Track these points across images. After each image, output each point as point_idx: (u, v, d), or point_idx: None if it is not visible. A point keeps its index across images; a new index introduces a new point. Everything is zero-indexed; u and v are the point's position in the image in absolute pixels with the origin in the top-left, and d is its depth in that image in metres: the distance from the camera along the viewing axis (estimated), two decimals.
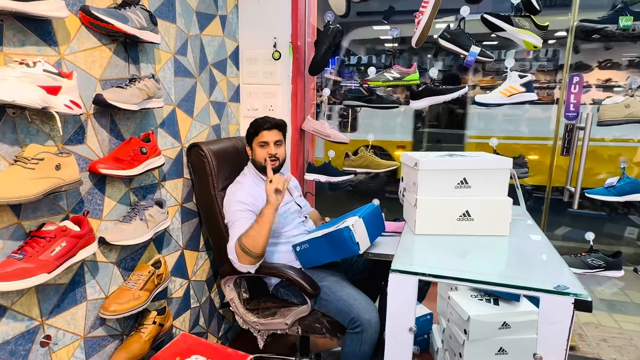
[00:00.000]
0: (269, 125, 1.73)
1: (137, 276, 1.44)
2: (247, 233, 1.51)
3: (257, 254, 1.51)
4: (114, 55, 1.37)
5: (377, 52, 5.50)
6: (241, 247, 1.50)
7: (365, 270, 1.85)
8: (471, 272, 1.13)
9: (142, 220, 1.42)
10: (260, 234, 1.49)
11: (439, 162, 1.43)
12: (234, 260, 1.52)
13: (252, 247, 1.50)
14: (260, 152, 1.73)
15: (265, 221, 1.50)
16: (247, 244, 1.49)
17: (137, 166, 1.38)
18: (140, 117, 1.51)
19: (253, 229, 1.50)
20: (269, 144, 1.73)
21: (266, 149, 1.73)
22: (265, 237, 1.50)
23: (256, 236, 1.49)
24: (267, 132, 1.72)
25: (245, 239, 1.50)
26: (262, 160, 1.72)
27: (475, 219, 1.40)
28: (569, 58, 1.97)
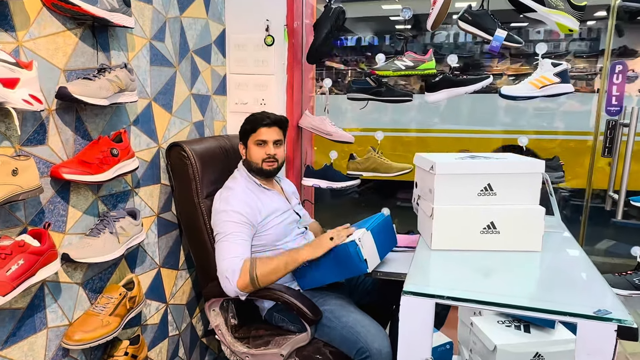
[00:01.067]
0: (269, 121, 1.74)
1: (106, 299, 1.44)
2: (266, 262, 1.54)
3: (262, 287, 1.55)
4: (80, 41, 1.37)
5: (384, 33, 5.50)
6: (250, 272, 1.52)
7: (373, 291, 1.85)
8: (497, 294, 1.13)
9: (112, 234, 1.42)
10: (278, 273, 1.54)
11: (459, 165, 1.43)
12: (230, 281, 1.53)
13: (262, 279, 1.53)
14: (256, 151, 1.74)
15: (292, 264, 1.54)
16: (260, 272, 1.52)
17: (106, 170, 1.38)
18: (110, 114, 1.52)
19: (276, 263, 1.53)
20: (268, 143, 1.74)
21: (264, 148, 1.74)
22: (282, 277, 1.56)
23: (274, 272, 1.53)
24: (267, 129, 1.74)
25: (262, 267, 1.53)
26: (259, 161, 1.74)
27: (502, 231, 1.40)
28: (611, 42, 1.98)
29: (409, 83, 4.68)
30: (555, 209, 1.74)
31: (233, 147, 2.00)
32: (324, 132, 2.24)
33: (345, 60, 5.44)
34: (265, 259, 1.56)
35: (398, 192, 4.51)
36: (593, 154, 2.12)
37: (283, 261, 1.54)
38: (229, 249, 1.57)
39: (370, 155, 2.20)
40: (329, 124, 2.23)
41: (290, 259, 1.54)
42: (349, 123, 4.32)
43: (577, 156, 3.95)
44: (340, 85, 4.36)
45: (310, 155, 2.59)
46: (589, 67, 4.70)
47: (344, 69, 5.25)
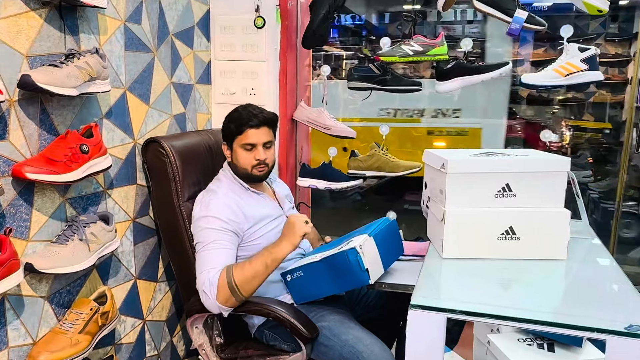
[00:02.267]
0: (257, 122, 1.72)
1: (75, 315, 1.44)
2: (243, 269, 1.52)
3: (245, 296, 1.53)
4: (45, 23, 1.37)
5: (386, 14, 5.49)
6: (229, 282, 1.51)
7: (377, 305, 1.85)
8: (517, 308, 1.14)
9: (82, 241, 1.42)
10: (260, 276, 1.52)
11: (474, 162, 1.43)
12: (209, 295, 1.52)
13: (243, 288, 1.51)
14: (244, 156, 1.73)
15: (274, 262, 1.53)
16: (239, 281, 1.51)
17: (75, 169, 1.38)
18: (79, 105, 1.51)
19: (253, 266, 1.52)
20: (257, 147, 1.73)
21: (252, 153, 1.73)
22: (262, 282, 1.54)
23: (254, 277, 1.52)
24: (255, 131, 1.72)
25: (239, 275, 1.51)
26: (248, 167, 1.73)
27: (522, 237, 1.41)
28: None
29: (418, 69, 4.68)
30: (583, 212, 1.74)
31: (218, 143, 2.00)
32: (322, 126, 2.24)
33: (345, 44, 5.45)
34: (242, 264, 1.54)
35: (406, 194, 4.51)
36: (627, 150, 2.13)
37: (262, 262, 1.52)
38: (208, 259, 1.57)
39: (374, 152, 2.20)
40: (328, 116, 2.23)
41: (270, 258, 1.53)
42: (351, 114, 4.32)
43: (608, 154, 3.96)
44: (341, 73, 4.36)
45: (306, 152, 2.59)
46: (621, 52, 4.71)
47: (344, 54, 5.25)
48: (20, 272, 1.25)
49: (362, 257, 1.48)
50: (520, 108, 4.92)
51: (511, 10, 1.90)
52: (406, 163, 2.19)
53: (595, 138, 4.32)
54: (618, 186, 2.29)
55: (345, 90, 2.26)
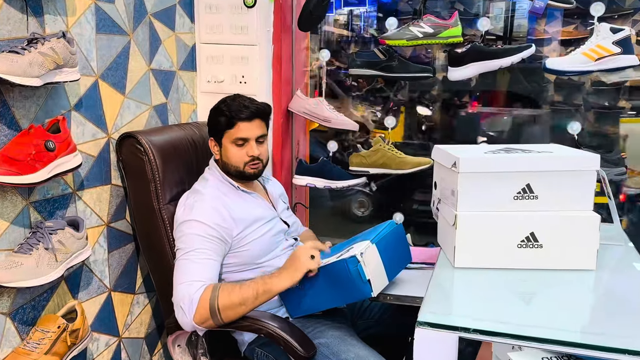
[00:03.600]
0: (249, 113, 1.71)
1: (41, 333, 1.43)
2: (231, 291, 1.52)
3: (224, 323, 1.53)
4: (5, 4, 1.36)
5: None
6: (211, 303, 1.50)
7: (382, 320, 1.85)
8: (539, 326, 1.12)
9: (48, 250, 1.42)
10: (247, 305, 1.52)
11: (490, 160, 1.42)
12: (185, 312, 1.52)
13: (226, 314, 1.51)
14: (236, 152, 1.73)
15: (267, 294, 1.53)
16: (223, 306, 1.51)
17: (40, 169, 1.37)
18: (45, 96, 1.51)
19: (243, 293, 1.52)
20: (250, 142, 1.72)
21: (245, 148, 1.73)
22: (251, 310, 1.54)
23: (241, 305, 1.52)
24: (247, 124, 1.72)
25: (226, 298, 1.51)
26: (240, 165, 1.73)
27: (545, 245, 1.40)
28: None
29: (432, 51, 4.66)
30: (615, 215, 1.73)
31: (204, 137, 2.00)
32: (321, 118, 2.24)
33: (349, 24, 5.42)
34: (231, 287, 1.54)
35: (415, 193, 4.50)
36: None
37: (253, 291, 1.52)
38: (189, 270, 1.56)
39: (379, 146, 2.20)
40: (327, 107, 2.23)
41: (263, 289, 1.52)
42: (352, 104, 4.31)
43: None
44: (343, 57, 4.34)
45: (303, 147, 2.58)
46: None
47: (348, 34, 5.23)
48: None
49: (363, 266, 1.47)
50: (546, 94, 4.89)
51: None
52: (415, 159, 2.18)
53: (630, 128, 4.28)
54: None
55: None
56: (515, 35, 4.96)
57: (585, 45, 1.90)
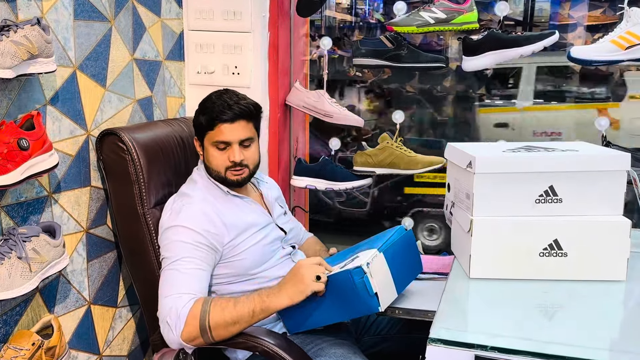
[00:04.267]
0: (232, 115, 1.70)
1: (13, 351, 1.42)
2: (225, 309, 1.51)
3: (217, 341, 1.53)
4: None
5: None
6: (202, 321, 1.50)
7: (390, 336, 1.85)
8: (564, 343, 1.12)
9: (22, 259, 1.41)
10: (241, 324, 1.52)
11: (509, 160, 1.42)
12: (172, 329, 1.51)
13: (217, 332, 1.51)
14: (217, 156, 1.73)
15: (264, 313, 1.52)
16: (215, 323, 1.50)
17: (12, 170, 1.36)
18: (17, 90, 1.50)
19: (239, 310, 1.51)
20: (232, 146, 1.72)
21: (226, 153, 1.72)
22: (245, 329, 1.54)
23: (237, 323, 1.51)
24: (229, 125, 1.71)
25: (218, 315, 1.50)
26: (221, 170, 1.73)
27: (570, 253, 1.40)
28: None
29: (444, 37, 4.65)
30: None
31: (193, 134, 1.99)
32: (322, 113, 2.24)
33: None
34: (225, 302, 1.53)
35: (426, 196, 4.51)
36: None
37: (249, 309, 1.51)
38: (177, 281, 1.56)
39: (387, 144, 2.20)
40: (329, 101, 2.23)
41: (260, 307, 1.51)
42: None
43: None
44: (346, 45, 4.35)
45: (302, 145, 2.58)
46: None
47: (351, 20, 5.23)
48: None
49: (369, 278, 1.47)
50: (571, 86, 4.89)
51: None
52: (426, 158, 2.18)
53: None
54: None
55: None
56: (537, 21, 4.97)
57: (614, 32, 1.89)
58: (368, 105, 4.36)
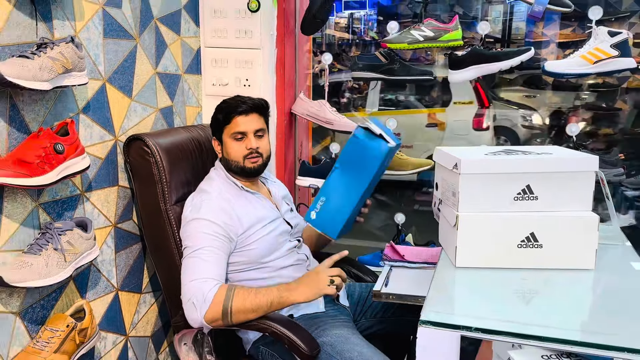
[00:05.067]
0: (246, 107, 1.74)
1: (50, 332, 1.44)
2: (247, 298, 1.53)
3: (232, 323, 1.55)
4: (15, 10, 1.37)
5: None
6: (225, 306, 1.52)
7: (385, 319, 1.86)
8: (540, 325, 1.12)
9: (57, 251, 1.42)
10: (258, 311, 1.54)
11: (490, 162, 1.42)
12: (197, 309, 1.53)
13: (237, 317, 1.53)
14: (235, 147, 1.74)
15: (280, 305, 1.55)
16: (236, 309, 1.52)
17: (49, 171, 1.38)
18: (54, 100, 1.51)
19: (259, 300, 1.54)
20: (248, 135, 1.74)
21: (244, 142, 1.74)
22: (261, 316, 1.56)
23: (256, 311, 1.54)
24: (244, 117, 1.74)
25: (240, 303, 1.52)
26: (240, 159, 1.74)
27: (545, 245, 1.40)
28: None
29: (431, 53, 4.66)
30: (613, 215, 1.73)
31: (209, 139, 2.00)
32: (323, 120, 2.24)
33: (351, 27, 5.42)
34: (246, 292, 1.55)
35: (417, 193, 4.51)
36: None
37: (267, 300, 1.55)
38: (200, 267, 1.57)
39: None
40: (329, 109, 2.23)
41: (278, 300, 1.55)
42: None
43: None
44: (345, 60, 4.37)
45: (306, 149, 2.59)
46: None
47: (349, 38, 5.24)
48: None
49: (369, 126, 1.49)
50: (545, 95, 4.90)
51: None
52: (415, 161, 2.18)
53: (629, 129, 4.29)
54: None
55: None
56: (514, 38, 4.98)
57: (584, 48, 1.90)
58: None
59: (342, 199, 1.57)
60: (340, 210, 1.58)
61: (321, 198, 1.59)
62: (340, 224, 1.60)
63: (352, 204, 1.58)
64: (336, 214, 1.59)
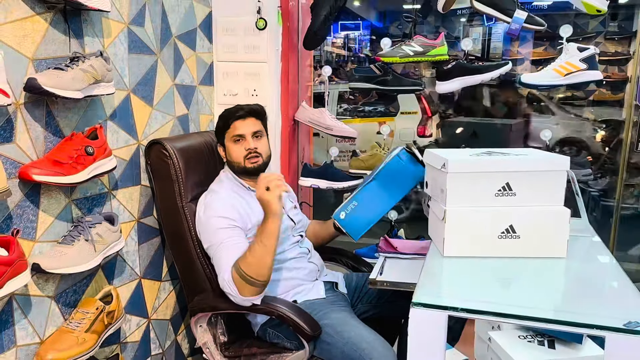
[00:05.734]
0: (243, 112, 1.76)
1: (81, 314, 1.46)
2: (246, 259, 1.53)
3: (264, 281, 1.55)
4: (50, 27, 1.39)
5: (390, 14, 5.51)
6: (242, 277, 1.52)
7: (379, 304, 1.87)
8: (518, 305, 1.14)
9: (88, 242, 1.44)
10: (265, 257, 1.53)
11: (474, 162, 1.44)
12: (233, 294, 1.55)
13: (257, 275, 1.52)
14: (236, 149, 1.76)
15: (270, 239, 1.53)
16: (249, 272, 1.52)
17: (81, 171, 1.40)
18: (84, 108, 1.53)
19: (254, 252, 1.53)
20: (246, 137, 1.75)
21: (242, 144, 1.75)
22: (272, 259, 1.54)
23: (261, 261, 1.53)
24: (241, 121, 1.75)
25: (247, 267, 1.53)
26: (241, 160, 1.75)
27: (522, 236, 1.41)
28: None
29: (419, 69, 4.69)
30: (582, 210, 1.75)
31: None
32: (323, 126, 2.25)
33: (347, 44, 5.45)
34: (243, 255, 1.54)
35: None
36: (626, 148, 2.14)
37: (259, 245, 1.53)
38: (222, 260, 1.59)
39: (376, 151, 2.22)
40: (329, 117, 2.25)
41: (262, 237, 1.53)
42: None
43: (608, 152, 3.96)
44: (342, 74, 4.40)
45: (308, 153, 2.60)
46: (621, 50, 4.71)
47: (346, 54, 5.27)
48: (28, 272, 1.26)
49: (415, 152, 1.50)
50: (520, 107, 4.92)
51: (511, 10, 1.92)
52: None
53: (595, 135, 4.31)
54: (618, 184, 2.30)
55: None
56: (492, 56, 5.01)
57: (556, 62, 1.92)
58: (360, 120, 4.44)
59: (372, 208, 1.59)
60: (367, 217, 1.61)
61: (353, 202, 1.60)
62: (365, 229, 1.63)
63: (380, 214, 1.60)
64: (363, 220, 1.61)
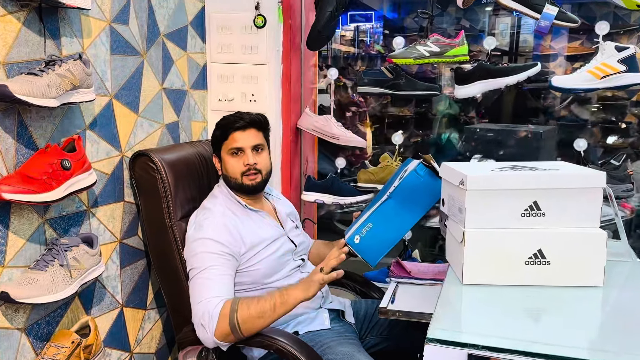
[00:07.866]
0: (243, 123, 1.75)
1: (55, 349, 1.45)
2: (249, 308, 1.53)
3: (246, 336, 1.54)
4: (24, 27, 1.40)
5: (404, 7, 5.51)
6: (231, 319, 1.51)
7: (391, 336, 1.85)
8: (547, 343, 1.12)
9: (63, 267, 1.44)
10: (266, 320, 1.53)
11: (497, 178, 1.43)
12: (207, 329, 1.53)
13: (245, 329, 1.52)
14: (233, 163, 1.75)
15: (284, 307, 1.54)
16: (242, 319, 1.51)
17: (56, 188, 1.39)
18: (61, 116, 1.54)
19: (260, 308, 1.53)
20: (245, 151, 1.75)
21: (241, 158, 1.75)
22: (269, 325, 1.55)
23: (260, 319, 1.53)
24: (241, 133, 1.75)
25: (244, 312, 1.52)
26: (237, 176, 1.75)
27: (553, 262, 1.40)
28: None
29: (438, 67, 4.66)
30: (622, 231, 1.73)
31: None
32: (329, 135, 2.25)
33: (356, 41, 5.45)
34: (249, 300, 1.55)
35: None
36: None
37: (271, 303, 1.54)
38: (206, 288, 1.58)
39: (387, 163, 2.21)
40: (335, 124, 2.25)
41: (280, 300, 1.54)
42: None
43: None
44: (350, 74, 4.38)
45: (312, 164, 2.60)
46: None
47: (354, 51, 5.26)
48: None
49: (433, 164, 1.51)
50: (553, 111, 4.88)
51: (539, 5, 1.91)
52: None
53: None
54: None
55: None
56: (521, 51, 4.98)
57: (591, 63, 1.91)
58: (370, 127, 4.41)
59: (390, 229, 1.59)
60: (385, 240, 1.60)
61: (368, 224, 1.59)
62: (383, 253, 1.62)
63: (400, 235, 1.60)
64: (381, 243, 1.61)
